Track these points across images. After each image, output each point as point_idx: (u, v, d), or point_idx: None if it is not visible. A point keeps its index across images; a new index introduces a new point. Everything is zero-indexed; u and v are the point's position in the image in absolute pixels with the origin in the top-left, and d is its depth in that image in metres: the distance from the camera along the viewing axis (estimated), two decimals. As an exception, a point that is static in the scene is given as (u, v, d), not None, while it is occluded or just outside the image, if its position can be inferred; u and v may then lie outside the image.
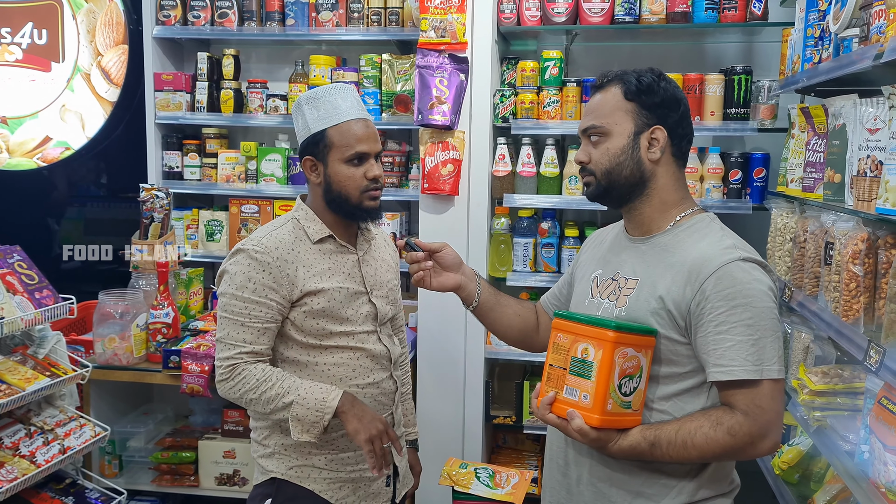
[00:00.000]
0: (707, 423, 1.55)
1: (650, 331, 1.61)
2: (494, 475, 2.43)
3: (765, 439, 1.54)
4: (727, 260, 1.56)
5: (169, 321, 2.99)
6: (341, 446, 2.05)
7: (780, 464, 2.54)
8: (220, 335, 1.97)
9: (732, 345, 1.53)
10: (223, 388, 1.97)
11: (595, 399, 1.54)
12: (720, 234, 1.66)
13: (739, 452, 1.56)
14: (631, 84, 1.66)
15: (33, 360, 2.64)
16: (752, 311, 1.53)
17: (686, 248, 1.63)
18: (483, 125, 3.16)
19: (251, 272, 1.93)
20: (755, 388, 1.53)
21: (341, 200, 2.00)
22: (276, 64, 3.81)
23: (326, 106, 1.98)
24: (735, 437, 1.53)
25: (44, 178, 4.09)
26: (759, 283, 1.55)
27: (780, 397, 1.55)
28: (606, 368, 1.53)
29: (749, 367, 1.52)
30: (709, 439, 1.54)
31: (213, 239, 3.66)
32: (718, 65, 3.32)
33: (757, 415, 1.53)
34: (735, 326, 1.53)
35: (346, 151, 1.96)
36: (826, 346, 2.39)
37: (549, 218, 3.31)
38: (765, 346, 1.53)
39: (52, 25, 3.92)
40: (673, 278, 1.61)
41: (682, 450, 1.56)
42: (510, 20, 3.22)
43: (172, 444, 3.18)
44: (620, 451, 1.59)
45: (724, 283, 1.54)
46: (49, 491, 2.71)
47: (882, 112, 1.84)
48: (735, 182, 3.16)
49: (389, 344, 2.14)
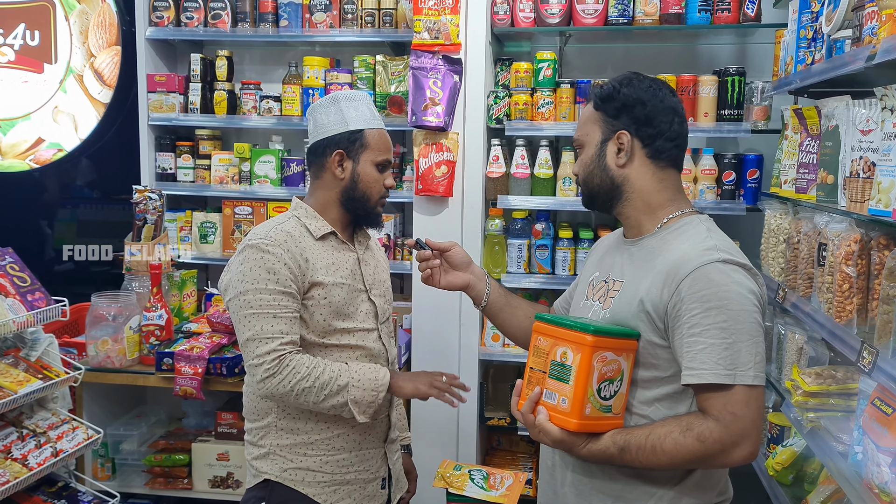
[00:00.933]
0: (678, 428, 1.52)
1: (631, 334, 1.59)
2: (489, 477, 2.43)
3: (737, 448, 1.49)
4: (705, 261, 1.53)
5: (162, 323, 2.98)
6: (337, 446, 2.04)
7: (773, 465, 2.54)
8: (249, 334, 1.90)
9: (704, 347, 1.50)
10: (270, 384, 1.89)
11: (573, 403, 1.53)
12: (704, 235, 1.62)
13: (710, 460, 1.52)
14: (597, 94, 1.71)
15: (25, 363, 2.63)
16: (727, 314, 1.49)
17: (669, 250, 1.61)
18: (477, 126, 3.16)
19: (269, 264, 1.91)
20: (728, 393, 1.49)
21: (362, 200, 2.05)
22: (270, 65, 3.80)
23: (363, 109, 2.05)
24: (704, 444, 1.49)
25: (36, 180, 4.07)
26: (737, 286, 1.51)
27: (756, 404, 1.50)
28: (585, 373, 1.52)
29: (720, 371, 1.48)
30: (678, 445, 1.50)
31: (207, 241, 3.65)
32: (712, 66, 3.32)
33: (729, 422, 1.48)
34: (708, 329, 1.50)
35: (379, 156, 2.05)
36: (819, 348, 2.39)
37: (544, 219, 3.31)
38: (740, 350, 1.49)
39: (44, 26, 3.91)
40: (653, 280, 1.59)
41: (652, 455, 1.52)
42: (504, 21, 3.22)
43: (166, 446, 3.17)
44: (590, 454, 1.57)
45: (699, 285, 1.51)
46: (41, 494, 2.69)
47: (875, 113, 1.84)
48: (729, 183, 3.16)
49: (388, 344, 2.15)
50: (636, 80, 1.69)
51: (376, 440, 2.12)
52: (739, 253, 1.60)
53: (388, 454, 2.17)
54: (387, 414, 2.15)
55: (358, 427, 2.06)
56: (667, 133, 1.67)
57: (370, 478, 2.11)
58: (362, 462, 2.08)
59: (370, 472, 2.11)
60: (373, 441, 2.11)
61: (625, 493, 1.63)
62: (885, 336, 1.69)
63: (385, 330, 2.17)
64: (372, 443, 2.11)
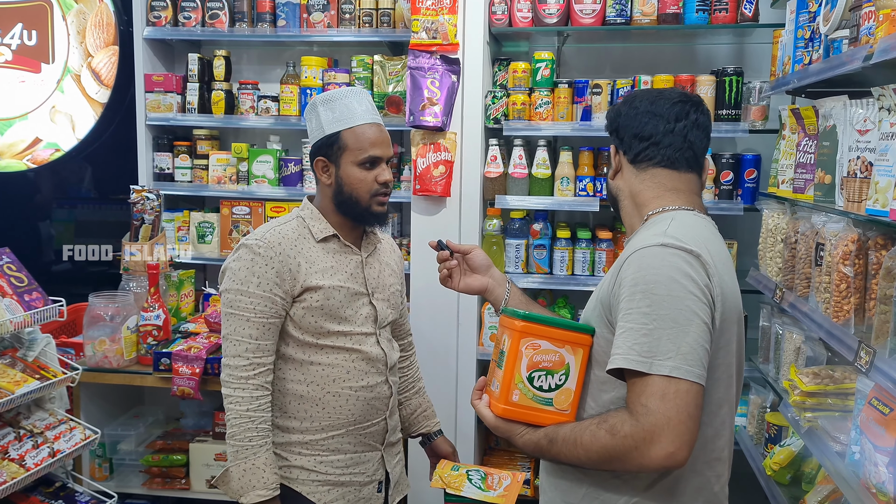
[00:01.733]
0: (597, 419, 1.45)
1: (580, 328, 1.56)
2: (486, 477, 2.42)
3: (651, 445, 1.34)
4: (644, 245, 1.46)
5: (160, 323, 2.97)
6: (332, 447, 2.04)
7: (771, 465, 2.54)
8: (226, 331, 1.98)
9: (623, 332, 1.41)
10: (224, 389, 1.98)
11: (501, 388, 1.55)
12: (666, 224, 1.52)
13: (623, 457, 1.38)
14: None
15: (22, 363, 2.62)
16: (651, 298, 1.39)
17: (630, 244, 1.57)
18: (475, 126, 3.16)
19: (255, 267, 1.94)
20: (643, 383, 1.36)
21: (352, 203, 2.02)
22: (268, 65, 3.80)
23: (342, 108, 2.00)
24: (615, 437, 1.38)
25: (33, 180, 4.07)
26: (670, 269, 1.40)
27: (677, 400, 1.34)
28: (512, 357, 1.53)
29: (633, 357, 1.37)
30: (593, 437, 1.42)
31: (205, 241, 3.64)
32: (709, 66, 3.33)
33: (641, 414, 1.35)
34: (630, 313, 1.41)
35: (360, 154, 1.99)
36: (817, 347, 2.39)
37: (541, 219, 3.31)
38: (660, 337, 1.36)
39: (41, 26, 3.90)
40: (609, 274, 1.57)
41: (573, 447, 1.46)
42: (501, 21, 3.22)
43: (163, 446, 3.16)
44: (524, 444, 1.56)
45: (632, 269, 1.44)
46: (39, 495, 2.69)
47: (872, 113, 1.85)
48: (726, 183, 3.16)
49: (388, 348, 2.14)
50: (626, 99, 1.72)
51: (373, 443, 2.12)
52: (697, 241, 1.47)
53: (385, 457, 2.16)
54: (384, 418, 2.14)
55: (353, 430, 2.06)
56: (641, 133, 1.64)
57: (366, 481, 2.10)
58: (357, 465, 2.08)
59: (366, 476, 2.10)
60: (369, 444, 2.11)
61: (590, 494, 1.56)
62: (883, 336, 1.69)
63: (385, 335, 2.16)
64: (368, 446, 2.10)
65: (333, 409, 2.03)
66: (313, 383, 2.02)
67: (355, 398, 2.05)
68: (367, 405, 2.07)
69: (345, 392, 2.03)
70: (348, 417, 2.05)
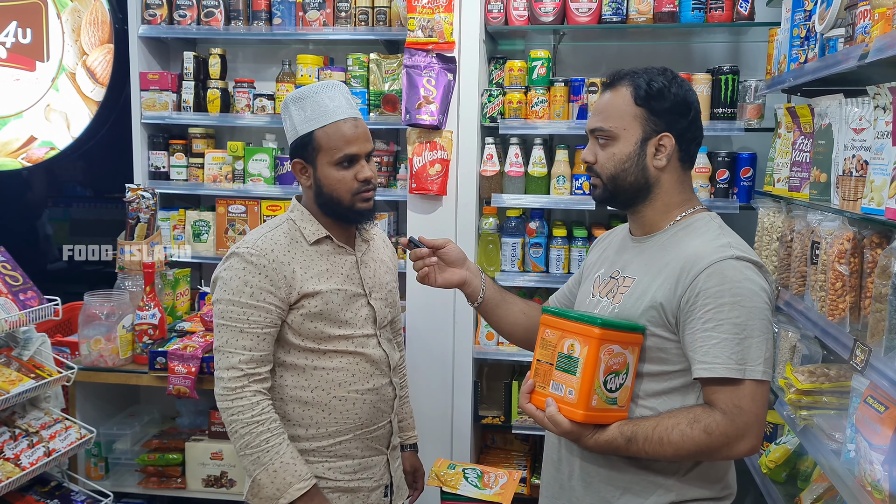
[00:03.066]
0: (685, 420, 1.55)
1: (637, 328, 1.61)
2: (483, 475, 2.43)
3: (741, 441, 1.53)
4: (720, 257, 1.55)
5: (155, 322, 2.97)
6: (340, 453, 2.00)
7: (767, 462, 2.54)
8: (217, 343, 1.91)
9: (717, 342, 1.52)
10: (219, 403, 1.90)
11: (580, 394, 1.55)
12: (717, 232, 1.65)
13: (715, 452, 1.55)
14: (641, 88, 1.64)
15: (18, 362, 2.62)
16: (740, 310, 1.52)
17: (681, 246, 1.63)
18: (471, 125, 3.16)
19: (247, 276, 1.88)
20: (737, 387, 1.52)
21: (333, 203, 1.95)
22: (263, 63, 3.79)
23: (313, 106, 1.92)
24: (711, 436, 1.52)
25: (28, 179, 4.06)
26: (750, 283, 1.54)
27: (762, 400, 1.54)
28: (591, 364, 1.54)
29: (732, 366, 1.51)
30: (685, 437, 1.53)
31: (200, 239, 3.64)
32: (705, 65, 3.33)
33: (735, 415, 1.52)
34: (722, 324, 1.52)
35: (335, 154, 1.90)
36: (812, 346, 2.39)
37: (537, 218, 3.31)
38: (750, 346, 1.52)
39: (36, 24, 3.89)
40: (666, 276, 1.61)
41: (658, 446, 1.55)
42: (498, 20, 3.21)
43: (159, 445, 3.16)
44: (597, 445, 1.59)
45: (714, 280, 1.54)
46: (34, 494, 2.68)
47: (867, 112, 1.85)
48: (722, 182, 3.17)
49: (389, 349, 2.09)
50: (680, 80, 1.69)
51: (380, 447, 2.08)
52: (751, 250, 1.62)
53: (390, 461, 2.13)
54: (389, 420, 2.10)
55: (361, 434, 2.02)
56: (699, 138, 1.70)
57: (374, 486, 2.07)
58: (366, 470, 2.04)
59: (374, 481, 2.07)
60: (376, 448, 2.07)
61: (632, 485, 1.65)
62: (878, 334, 1.69)
63: (385, 335, 2.11)
64: (375, 450, 2.07)
65: (340, 413, 1.98)
66: (318, 388, 1.96)
67: (362, 401, 2.00)
68: (373, 408, 2.03)
69: (351, 396, 1.98)
70: (356, 421, 2.00)
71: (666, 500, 1.64)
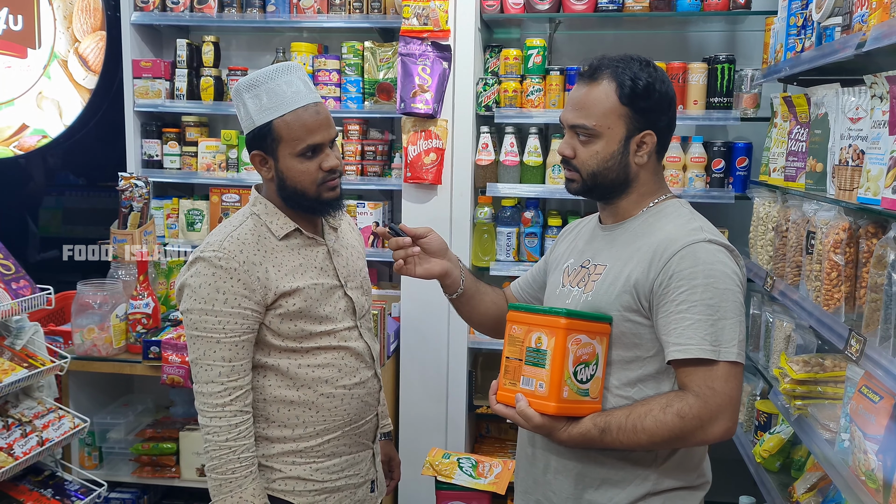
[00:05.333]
0: (657, 406, 1.54)
1: (603, 318, 1.61)
2: (477, 465, 2.43)
3: (715, 423, 1.51)
4: (692, 240, 1.56)
5: (149, 311, 2.95)
6: (327, 452, 1.94)
7: (761, 452, 2.55)
8: (193, 356, 1.80)
9: (691, 323, 1.52)
10: (199, 418, 1.83)
11: (550, 387, 1.54)
12: (689, 216, 1.66)
13: (689, 436, 1.53)
14: (626, 86, 1.62)
15: (10, 352, 2.60)
16: (713, 292, 1.52)
17: (653, 231, 1.64)
18: (466, 114, 3.15)
19: (218, 282, 1.76)
20: (711, 369, 1.51)
21: (298, 196, 1.84)
22: (257, 51, 3.77)
23: (269, 94, 1.77)
24: (684, 420, 1.50)
25: (20, 167, 4.03)
26: (722, 266, 1.55)
27: (735, 382, 1.53)
28: (560, 355, 1.53)
29: (706, 347, 1.51)
30: (658, 422, 1.52)
31: (194, 228, 3.62)
32: (701, 53, 3.32)
33: (709, 397, 1.51)
34: (695, 305, 1.52)
35: (297, 145, 1.78)
36: (807, 335, 2.40)
37: (533, 207, 3.31)
38: (724, 327, 1.52)
39: (27, 11, 3.85)
40: (638, 260, 1.61)
41: (633, 434, 1.53)
42: (493, 8, 3.20)
43: (153, 435, 3.15)
44: (571, 438, 1.57)
45: (687, 262, 1.54)
46: (27, 483, 2.67)
47: (864, 101, 1.84)
48: (718, 171, 3.16)
49: (370, 340, 2.03)
50: (661, 74, 1.67)
51: (366, 442, 2.04)
52: (721, 235, 1.64)
53: (375, 455, 2.10)
54: (375, 413, 2.05)
55: (349, 430, 1.97)
56: (674, 129, 1.72)
57: (360, 482, 2.03)
58: (352, 466, 2.00)
59: (360, 476, 2.02)
60: (363, 444, 2.03)
61: (610, 476, 1.65)
62: (873, 324, 1.69)
63: (365, 325, 2.03)
64: (362, 445, 2.03)
65: (329, 410, 1.91)
66: (304, 387, 1.88)
67: (350, 396, 1.94)
68: (361, 402, 1.97)
69: (339, 392, 1.92)
70: (344, 418, 1.94)
71: (643, 490, 1.63)
